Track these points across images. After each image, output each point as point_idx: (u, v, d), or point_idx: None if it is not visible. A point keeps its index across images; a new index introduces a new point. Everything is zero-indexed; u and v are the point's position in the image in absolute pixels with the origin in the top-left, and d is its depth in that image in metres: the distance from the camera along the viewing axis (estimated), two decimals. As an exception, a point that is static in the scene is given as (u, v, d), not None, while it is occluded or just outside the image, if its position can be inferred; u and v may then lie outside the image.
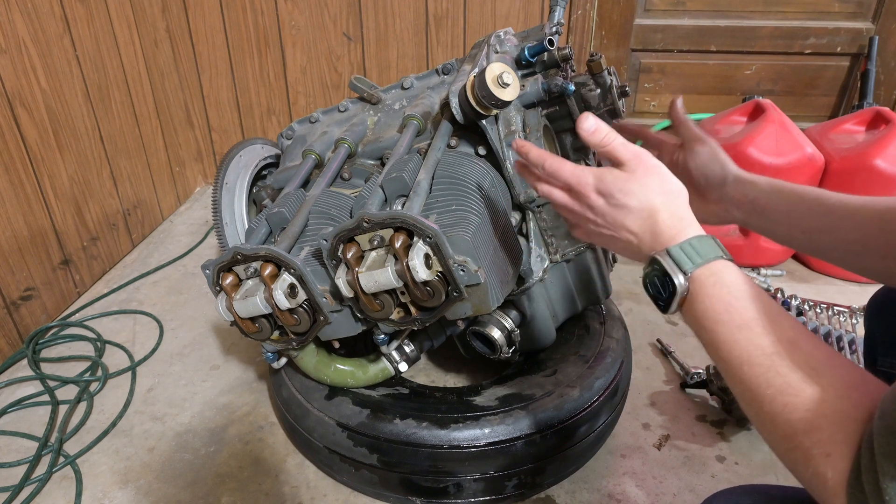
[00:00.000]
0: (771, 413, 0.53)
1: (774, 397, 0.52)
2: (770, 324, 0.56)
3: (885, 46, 1.92)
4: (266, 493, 1.13)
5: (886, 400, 0.45)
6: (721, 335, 0.57)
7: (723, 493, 0.67)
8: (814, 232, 0.79)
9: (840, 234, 0.76)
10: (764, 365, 0.54)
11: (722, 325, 0.57)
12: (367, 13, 1.99)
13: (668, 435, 1.23)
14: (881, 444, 0.44)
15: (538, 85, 1.02)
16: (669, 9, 1.98)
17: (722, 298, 0.58)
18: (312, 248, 0.95)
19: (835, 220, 0.76)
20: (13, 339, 1.47)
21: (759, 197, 0.83)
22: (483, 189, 0.96)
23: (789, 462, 0.52)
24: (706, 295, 0.59)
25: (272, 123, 2.21)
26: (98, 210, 1.75)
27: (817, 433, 0.49)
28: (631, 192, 0.64)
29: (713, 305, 0.58)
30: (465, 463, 1.03)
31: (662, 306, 0.62)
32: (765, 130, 1.68)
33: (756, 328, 0.56)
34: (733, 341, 0.56)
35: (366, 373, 1.11)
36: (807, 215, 0.79)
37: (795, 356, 0.53)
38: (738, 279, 0.59)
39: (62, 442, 1.22)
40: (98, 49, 1.72)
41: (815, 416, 0.50)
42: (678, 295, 0.60)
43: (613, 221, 0.65)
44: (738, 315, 0.57)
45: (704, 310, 0.59)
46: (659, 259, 0.61)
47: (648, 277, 0.63)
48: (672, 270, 0.60)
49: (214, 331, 1.55)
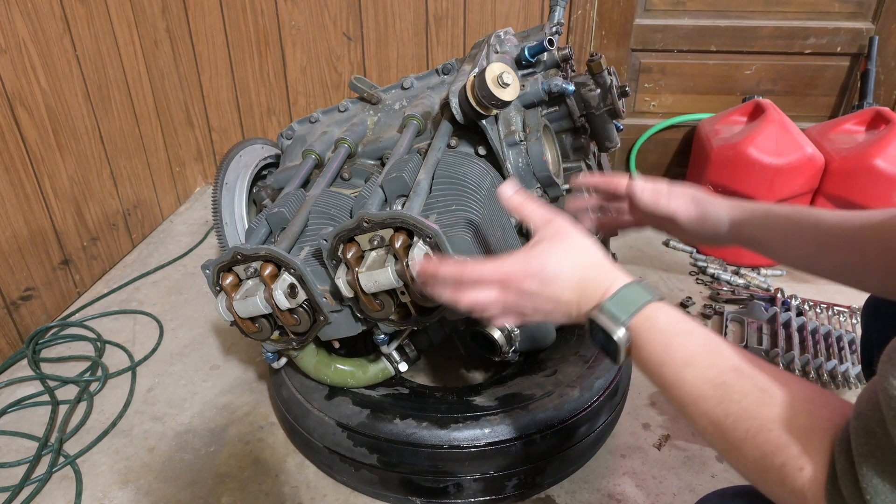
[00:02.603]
0: (736, 441, 0.53)
1: (735, 425, 0.53)
2: (712, 355, 0.57)
3: (885, 46, 1.92)
4: (266, 493, 1.13)
5: (862, 401, 0.46)
6: (668, 376, 0.59)
7: (715, 494, 0.67)
8: (811, 257, 0.80)
9: (838, 258, 0.77)
10: (715, 396, 0.55)
11: (666, 366, 0.59)
12: (367, 13, 1.99)
13: (668, 435, 1.23)
14: (859, 445, 0.44)
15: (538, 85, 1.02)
16: (669, 9, 1.98)
17: (661, 341, 0.59)
18: (312, 248, 0.95)
19: (833, 245, 0.77)
20: (13, 339, 1.47)
21: (754, 233, 0.84)
22: (483, 189, 0.96)
23: (766, 486, 0.52)
24: (645, 341, 0.60)
25: (272, 123, 2.21)
26: (98, 210, 1.75)
27: (786, 451, 0.50)
28: (555, 262, 0.65)
29: (654, 349, 0.60)
30: (465, 463, 1.03)
31: (613, 358, 0.63)
32: (765, 130, 1.68)
33: (699, 363, 0.57)
34: (681, 380, 0.57)
35: (366, 373, 1.11)
36: (803, 243, 0.80)
37: (743, 382, 0.54)
38: (671, 319, 0.61)
39: (62, 442, 1.22)
40: (98, 49, 1.72)
41: (780, 434, 0.50)
42: (622, 347, 0.61)
43: (549, 297, 0.66)
44: (678, 353, 0.58)
45: (648, 355, 0.60)
46: (595, 319, 0.63)
47: (592, 335, 0.64)
48: (609, 327, 0.62)
49: (214, 331, 1.55)
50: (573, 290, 0.65)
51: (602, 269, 0.65)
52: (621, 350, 0.61)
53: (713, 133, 1.83)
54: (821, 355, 1.40)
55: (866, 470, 0.43)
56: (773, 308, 1.54)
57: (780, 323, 1.50)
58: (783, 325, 1.50)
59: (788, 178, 1.66)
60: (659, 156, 2.20)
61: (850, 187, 1.66)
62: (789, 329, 1.48)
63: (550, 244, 0.66)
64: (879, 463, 0.43)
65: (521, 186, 0.74)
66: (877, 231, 0.72)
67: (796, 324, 1.48)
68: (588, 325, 0.65)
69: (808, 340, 1.44)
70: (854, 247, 0.74)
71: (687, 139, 2.14)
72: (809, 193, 1.73)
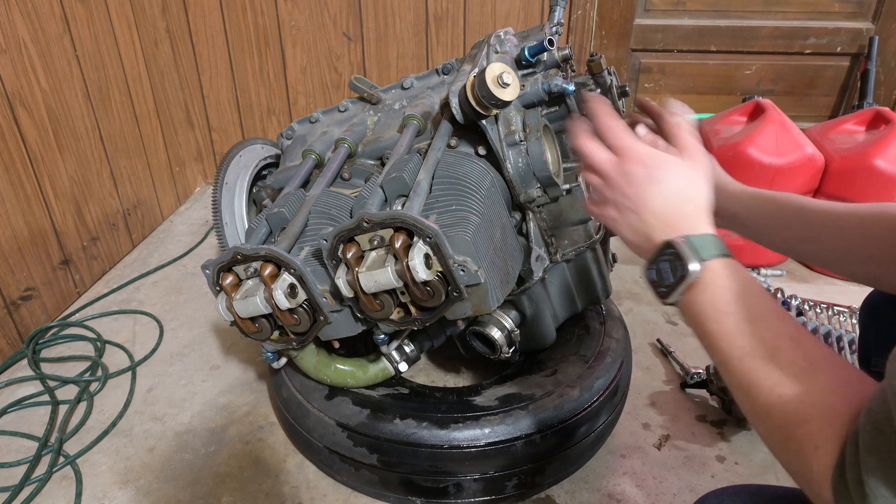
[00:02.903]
0: (767, 405, 0.54)
1: (772, 389, 0.53)
2: (776, 320, 0.57)
3: (885, 46, 1.92)
4: (266, 493, 1.13)
5: (874, 398, 0.46)
6: (726, 326, 0.58)
7: (714, 493, 0.68)
8: (796, 241, 0.81)
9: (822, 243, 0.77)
10: (764, 357, 0.55)
11: (729, 316, 0.58)
12: (367, 13, 1.99)
13: (668, 435, 1.23)
14: (866, 440, 0.45)
15: (538, 85, 1.02)
16: (669, 9, 1.98)
17: (733, 289, 0.58)
18: (312, 248, 0.95)
19: (816, 229, 0.78)
20: (13, 339, 1.47)
21: (739, 211, 0.84)
22: (483, 189, 0.96)
23: (782, 454, 0.53)
24: (719, 285, 0.59)
25: (272, 123, 2.21)
26: (98, 210, 1.75)
27: (808, 425, 0.50)
28: (671, 171, 0.65)
29: (724, 296, 0.58)
30: (465, 463, 1.03)
31: (665, 292, 0.62)
32: (765, 130, 1.68)
33: (762, 322, 0.56)
34: (739, 332, 0.57)
35: (366, 373, 1.11)
36: (788, 226, 0.80)
37: (796, 352, 0.54)
38: (749, 275, 0.60)
39: (62, 442, 1.22)
40: (98, 49, 1.72)
41: (808, 407, 0.51)
42: (687, 280, 0.60)
43: (642, 195, 0.65)
44: (746, 306, 0.57)
45: (714, 300, 0.59)
46: (676, 243, 0.61)
47: (655, 262, 0.63)
48: (687, 256, 0.60)
49: (214, 331, 1.55)
50: (665, 204, 0.64)
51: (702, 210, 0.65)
52: (684, 283, 0.60)
53: (713, 133, 1.83)
54: (821, 355, 1.40)
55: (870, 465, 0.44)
56: (773, 308, 1.53)
57: (780, 323, 1.49)
58: (783, 325, 1.50)
59: (788, 178, 1.66)
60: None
61: (850, 187, 1.66)
62: (789, 329, 1.48)
63: (681, 160, 0.67)
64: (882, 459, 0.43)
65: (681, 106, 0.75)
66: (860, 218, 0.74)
67: (796, 324, 1.48)
68: (656, 254, 0.63)
69: (808, 340, 1.44)
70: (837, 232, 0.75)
71: (687, 139, 2.14)
72: (809, 193, 1.73)
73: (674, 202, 0.64)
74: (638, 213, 0.66)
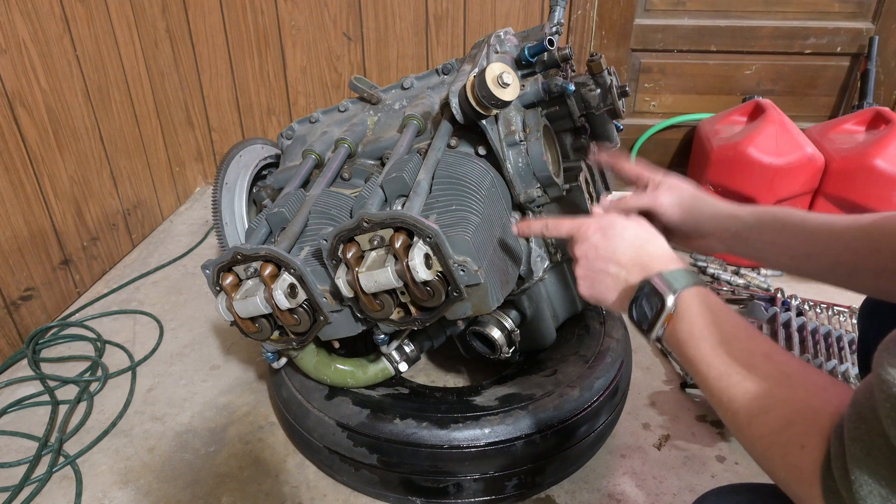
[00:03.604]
0: (748, 417, 0.56)
1: (751, 402, 0.56)
2: (749, 340, 0.61)
3: (885, 46, 1.92)
4: (266, 493, 1.13)
5: (859, 390, 0.47)
6: (703, 350, 0.62)
7: (712, 492, 0.68)
8: (801, 258, 0.81)
9: (828, 258, 0.78)
10: (741, 374, 0.58)
11: (705, 340, 0.62)
12: (367, 13, 1.99)
13: (668, 435, 1.23)
14: (850, 429, 0.46)
15: (538, 85, 1.02)
16: (669, 9, 1.98)
17: (707, 316, 0.63)
18: (312, 248, 0.95)
19: (821, 245, 0.78)
20: (13, 339, 1.47)
21: (741, 230, 0.85)
22: (483, 189, 0.96)
23: (766, 461, 0.55)
24: (693, 313, 0.64)
25: (272, 123, 2.21)
26: (98, 210, 1.75)
27: (792, 427, 0.52)
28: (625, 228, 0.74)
29: (699, 322, 0.63)
30: (465, 463, 1.03)
31: (648, 328, 0.67)
32: (765, 130, 1.68)
33: (735, 343, 0.61)
34: (715, 355, 0.61)
35: (366, 373, 1.11)
36: (792, 243, 0.81)
37: (770, 365, 0.58)
38: (718, 301, 0.65)
39: (62, 442, 1.22)
40: (98, 49, 1.72)
41: (789, 412, 0.53)
42: (665, 312, 0.65)
43: (606, 254, 0.73)
44: (720, 330, 0.62)
45: (690, 327, 0.64)
46: (651, 280, 0.68)
47: (635, 301, 0.69)
48: (663, 290, 0.66)
49: (214, 331, 1.55)
50: (632, 252, 0.72)
51: (663, 248, 0.73)
52: (664, 316, 0.65)
53: (713, 133, 1.83)
54: (821, 355, 1.40)
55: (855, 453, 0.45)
56: (773, 308, 1.54)
57: (780, 323, 1.50)
58: (783, 325, 1.50)
59: (788, 178, 1.66)
60: (659, 156, 2.20)
61: (850, 187, 1.66)
62: (789, 329, 1.48)
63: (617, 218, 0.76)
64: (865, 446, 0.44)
65: None
66: (865, 230, 0.73)
67: (796, 324, 1.48)
68: (636, 293, 0.69)
69: (808, 340, 1.44)
70: (843, 246, 0.75)
71: (687, 139, 2.14)
72: (809, 193, 1.73)
73: (638, 248, 0.72)
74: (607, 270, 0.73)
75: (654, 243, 0.73)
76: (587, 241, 0.75)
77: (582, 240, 0.76)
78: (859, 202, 1.65)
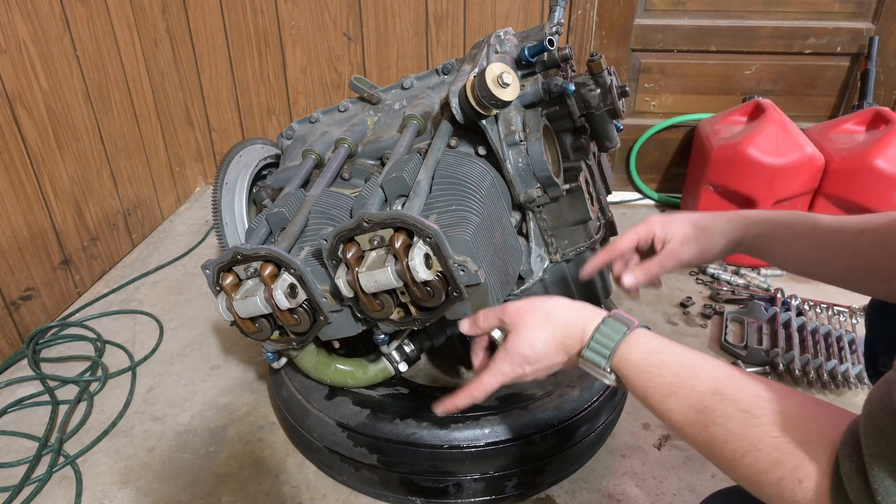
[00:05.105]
0: (726, 462, 0.54)
1: (723, 447, 0.54)
2: (690, 382, 0.58)
3: (885, 46, 1.92)
4: (266, 493, 1.13)
5: (873, 401, 0.45)
6: (654, 407, 0.62)
7: (720, 493, 0.67)
8: (813, 264, 0.80)
9: (839, 263, 0.77)
10: (700, 423, 0.56)
11: (650, 399, 0.61)
12: (367, 13, 1.99)
13: (668, 435, 1.23)
14: (869, 445, 0.44)
15: (538, 85, 1.02)
16: (669, 9, 1.98)
17: (639, 377, 0.62)
18: (312, 248, 0.95)
19: (832, 251, 0.77)
20: (13, 339, 1.47)
21: (752, 244, 0.85)
22: (483, 189, 0.96)
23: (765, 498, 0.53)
24: (626, 379, 0.64)
25: (272, 123, 2.21)
26: (98, 210, 1.75)
27: (780, 467, 0.50)
28: (531, 345, 0.71)
29: (636, 386, 0.63)
30: (465, 463, 1.03)
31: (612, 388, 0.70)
32: (765, 130, 1.68)
33: (679, 391, 0.59)
34: (666, 410, 0.60)
35: (366, 373, 1.11)
36: (803, 250, 0.80)
37: (725, 405, 0.55)
38: (644, 351, 0.63)
39: (62, 442, 1.22)
40: (98, 49, 1.72)
41: (771, 452, 0.51)
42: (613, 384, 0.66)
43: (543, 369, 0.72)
44: (657, 386, 0.60)
45: (633, 390, 0.64)
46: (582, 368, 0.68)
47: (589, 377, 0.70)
48: (597, 374, 0.66)
49: (214, 331, 1.55)
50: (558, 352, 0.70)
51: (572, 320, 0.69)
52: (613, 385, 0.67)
53: (713, 133, 1.83)
54: (821, 355, 1.40)
55: (878, 470, 0.43)
56: (773, 308, 1.54)
57: (780, 323, 1.50)
58: (783, 325, 1.50)
59: (788, 178, 1.66)
60: (659, 156, 2.20)
61: (850, 187, 1.66)
62: (789, 329, 1.48)
63: (517, 331, 0.72)
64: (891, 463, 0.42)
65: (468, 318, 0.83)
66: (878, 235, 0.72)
67: (796, 324, 1.48)
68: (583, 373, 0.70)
69: (808, 340, 1.44)
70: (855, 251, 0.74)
71: (687, 139, 2.14)
72: (809, 193, 1.73)
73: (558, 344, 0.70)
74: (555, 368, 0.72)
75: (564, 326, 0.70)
76: (523, 377, 0.74)
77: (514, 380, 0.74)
78: (859, 202, 1.65)
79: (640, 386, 0.62)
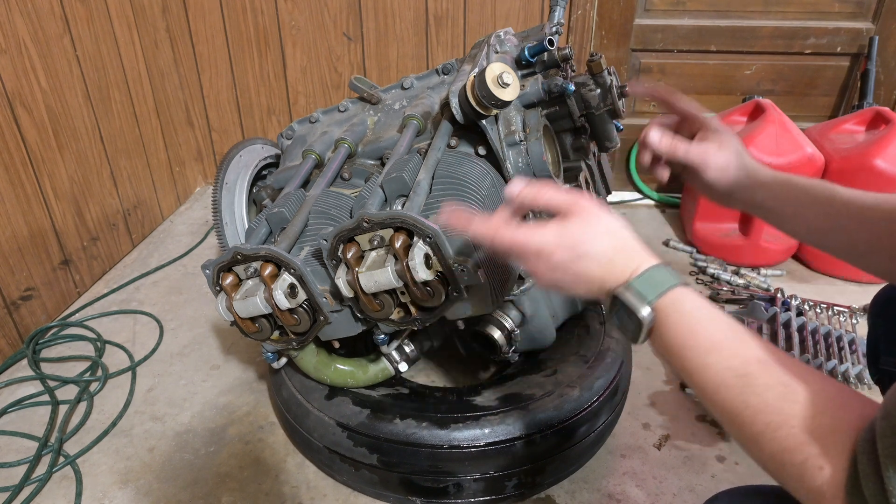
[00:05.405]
0: (753, 434, 0.53)
1: (754, 417, 0.52)
2: (737, 344, 0.56)
3: (885, 46, 1.92)
4: (266, 493, 1.13)
5: (890, 401, 0.45)
6: (691, 361, 0.57)
7: (725, 493, 0.67)
8: (820, 231, 0.79)
9: (847, 235, 0.76)
10: (737, 386, 0.54)
11: (689, 350, 0.57)
12: (367, 13, 1.99)
13: (668, 435, 1.23)
14: (886, 446, 0.43)
15: (538, 85, 1.02)
16: (669, 9, 1.98)
17: (686, 324, 0.58)
18: (312, 248, 0.95)
19: (842, 221, 0.76)
20: (13, 339, 1.47)
21: (766, 199, 0.82)
22: (483, 189, 0.96)
23: (783, 479, 0.52)
24: (671, 323, 0.59)
25: (272, 123, 2.21)
26: (98, 210, 1.75)
27: (805, 448, 0.49)
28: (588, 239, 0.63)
29: (679, 332, 0.58)
30: (465, 463, 1.03)
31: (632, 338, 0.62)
32: (765, 130, 1.68)
33: (724, 350, 0.56)
34: (704, 366, 0.56)
35: (366, 373, 1.11)
36: (814, 216, 0.79)
37: (767, 375, 0.53)
38: (698, 304, 0.59)
39: (62, 442, 1.22)
40: (98, 49, 1.72)
41: (801, 432, 0.49)
42: (645, 327, 0.60)
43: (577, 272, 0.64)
44: (703, 339, 0.57)
45: (671, 338, 0.59)
46: (620, 296, 0.61)
47: (615, 314, 0.62)
48: (634, 305, 0.60)
49: (214, 331, 1.55)
50: (601, 267, 0.63)
51: (632, 250, 0.63)
52: (643, 330, 0.60)
53: (713, 133, 1.82)
54: (821, 355, 1.40)
55: (893, 472, 0.42)
56: (773, 308, 1.54)
57: (780, 323, 1.50)
58: (783, 325, 1.50)
59: (788, 178, 1.66)
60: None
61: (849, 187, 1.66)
62: (789, 329, 1.48)
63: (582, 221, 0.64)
64: None
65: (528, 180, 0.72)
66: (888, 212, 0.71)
67: (796, 324, 1.48)
68: (610, 303, 0.63)
69: (808, 340, 1.44)
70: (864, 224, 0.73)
71: (687, 139, 2.14)
72: (809, 193, 1.73)
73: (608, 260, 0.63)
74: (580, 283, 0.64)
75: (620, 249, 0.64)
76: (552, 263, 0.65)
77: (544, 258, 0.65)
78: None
79: (682, 334, 0.58)
